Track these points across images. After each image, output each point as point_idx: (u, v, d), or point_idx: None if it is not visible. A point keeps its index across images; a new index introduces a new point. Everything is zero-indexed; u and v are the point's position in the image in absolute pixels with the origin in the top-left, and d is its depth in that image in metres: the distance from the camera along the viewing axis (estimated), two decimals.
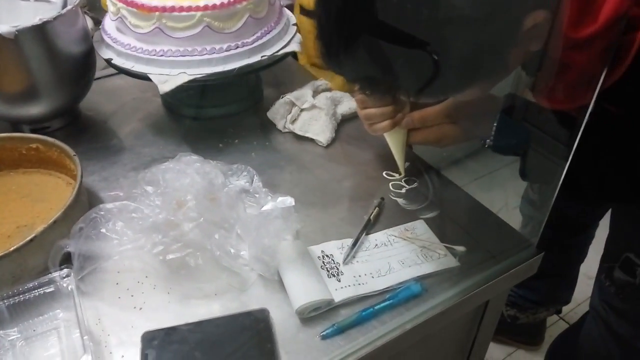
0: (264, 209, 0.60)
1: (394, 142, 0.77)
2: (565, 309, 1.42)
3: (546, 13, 0.51)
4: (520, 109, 0.70)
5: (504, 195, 0.83)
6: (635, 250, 0.88)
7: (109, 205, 0.61)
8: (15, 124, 0.86)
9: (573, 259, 1.28)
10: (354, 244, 0.66)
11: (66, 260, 0.60)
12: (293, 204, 0.60)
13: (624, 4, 0.52)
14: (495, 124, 0.70)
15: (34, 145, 0.74)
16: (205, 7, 0.75)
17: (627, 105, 0.59)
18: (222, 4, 0.76)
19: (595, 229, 1.22)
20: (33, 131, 0.84)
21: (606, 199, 0.93)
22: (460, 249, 0.66)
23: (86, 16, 0.97)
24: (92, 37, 0.86)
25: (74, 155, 0.70)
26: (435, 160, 0.83)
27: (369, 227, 0.69)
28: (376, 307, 0.59)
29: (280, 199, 0.60)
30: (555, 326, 1.48)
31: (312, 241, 0.67)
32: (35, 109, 0.82)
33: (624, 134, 0.64)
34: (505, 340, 1.44)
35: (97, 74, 0.90)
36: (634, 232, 0.89)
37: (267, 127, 0.88)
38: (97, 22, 0.93)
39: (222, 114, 0.90)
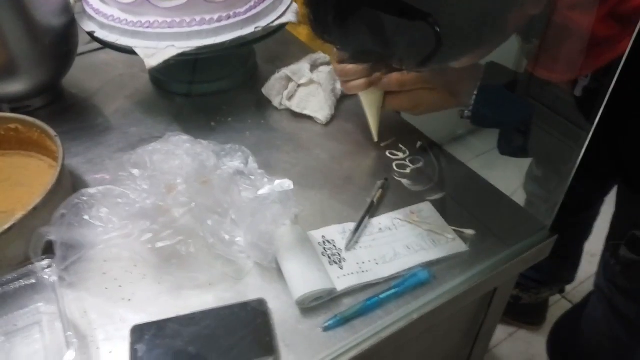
0: (260, 193, 0.56)
1: (369, 104, 0.73)
2: (568, 288, 1.40)
3: None
4: (502, 79, 0.66)
5: (507, 173, 0.80)
6: None
7: (92, 190, 0.56)
8: None
9: (578, 237, 1.25)
10: (357, 229, 0.62)
11: (49, 249, 0.56)
12: (292, 187, 0.56)
13: None
14: (475, 94, 0.66)
15: (12, 126, 0.69)
16: None
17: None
18: None
19: (600, 206, 1.19)
20: (13, 110, 0.80)
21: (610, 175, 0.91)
22: (470, 232, 0.62)
23: None
24: (74, 8, 0.80)
25: (55, 136, 0.66)
26: (436, 137, 0.79)
27: (373, 210, 0.65)
28: (381, 296, 0.56)
29: (277, 182, 0.55)
30: (557, 306, 1.46)
31: (312, 226, 0.63)
32: (13, 87, 0.76)
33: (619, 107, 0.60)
34: (507, 321, 1.42)
35: (81, 49, 0.85)
36: None
37: (263, 105, 0.83)
38: None
39: (214, 91, 0.85)
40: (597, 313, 1.06)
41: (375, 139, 0.75)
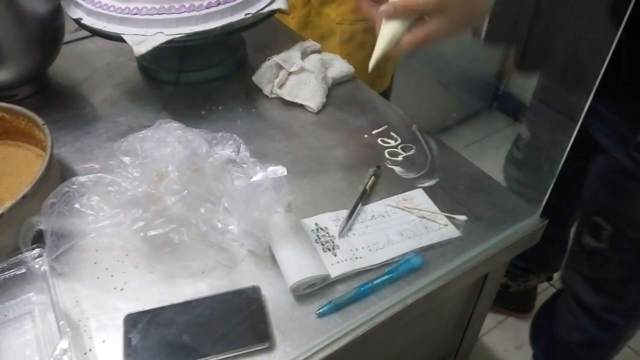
0: (253, 179, 0.55)
1: (388, 33, 0.61)
2: (555, 275, 1.41)
3: None
4: None
5: (495, 163, 0.80)
6: (604, 214, 0.84)
7: (82, 178, 0.55)
8: None
9: (561, 223, 1.25)
10: (350, 216, 0.62)
11: (39, 239, 0.55)
12: (285, 173, 0.55)
13: None
14: (489, 12, 0.63)
15: None
16: None
17: None
18: None
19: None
20: None
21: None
22: (462, 218, 0.62)
23: None
24: None
25: (43, 124, 0.64)
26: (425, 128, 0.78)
27: (365, 197, 0.65)
28: (375, 282, 0.56)
29: (270, 168, 0.55)
30: (545, 293, 1.48)
31: (305, 213, 0.62)
32: None
33: None
34: (496, 309, 1.43)
35: (67, 37, 0.84)
36: (605, 195, 0.85)
37: (253, 93, 0.82)
38: None
39: (203, 79, 0.84)
40: (563, 305, 1.06)
41: (370, 68, 0.63)
